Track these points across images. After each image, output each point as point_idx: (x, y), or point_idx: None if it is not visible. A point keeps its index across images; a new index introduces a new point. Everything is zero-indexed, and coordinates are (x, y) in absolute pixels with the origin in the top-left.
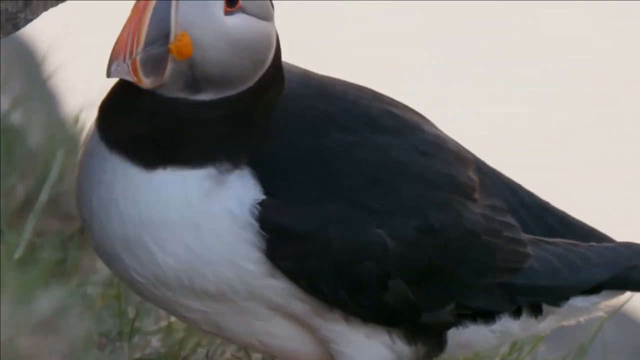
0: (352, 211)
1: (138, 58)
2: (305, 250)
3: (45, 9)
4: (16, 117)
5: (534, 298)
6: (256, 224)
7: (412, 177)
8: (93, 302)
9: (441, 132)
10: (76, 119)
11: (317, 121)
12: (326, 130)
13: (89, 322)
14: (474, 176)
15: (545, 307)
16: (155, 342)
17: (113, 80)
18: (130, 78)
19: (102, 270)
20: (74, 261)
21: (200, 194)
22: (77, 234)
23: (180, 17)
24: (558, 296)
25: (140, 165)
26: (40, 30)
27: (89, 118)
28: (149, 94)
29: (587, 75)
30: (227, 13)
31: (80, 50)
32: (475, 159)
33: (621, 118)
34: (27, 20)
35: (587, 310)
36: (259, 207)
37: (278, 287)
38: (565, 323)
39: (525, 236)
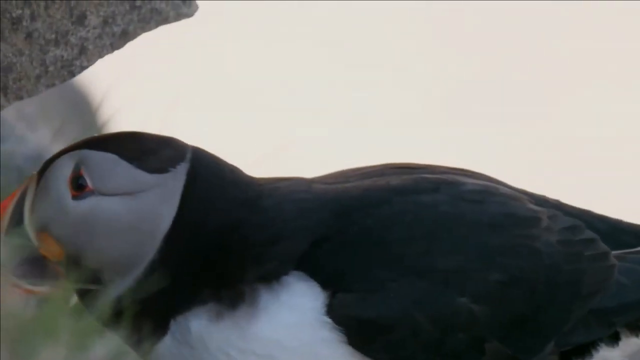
0: (427, 285)
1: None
2: (396, 338)
3: (101, 57)
4: None
5: (629, 315)
6: (329, 320)
7: (472, 228)
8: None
9: (495, 182)
10: None
11: (348, 209)
12: (363, 212)
13: None
14: (535, 207)
15: None
16: None
17: (169, 128)
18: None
19: None
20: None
21: (240, 337)
22: None
23: (39, 214)
24: None
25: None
26: (96, 78)
27: None
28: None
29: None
30: (74, 198)
31: (135, 97)
32: (532, 197)
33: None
34: (83, 68)
35: None
36: (324, 306)
37: None
38: None
39: (605, 246)
